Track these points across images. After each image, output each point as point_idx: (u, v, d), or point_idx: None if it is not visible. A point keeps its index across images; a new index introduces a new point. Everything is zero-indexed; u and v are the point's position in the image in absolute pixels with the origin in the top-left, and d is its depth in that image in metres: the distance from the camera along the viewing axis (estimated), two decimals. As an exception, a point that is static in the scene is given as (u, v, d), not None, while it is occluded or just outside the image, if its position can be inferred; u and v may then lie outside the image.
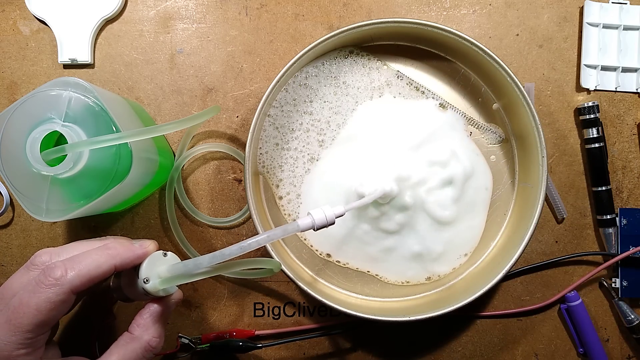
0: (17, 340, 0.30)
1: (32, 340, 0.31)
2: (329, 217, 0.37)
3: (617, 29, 0.49)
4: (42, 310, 0.30)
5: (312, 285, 0.44)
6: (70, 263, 0.32)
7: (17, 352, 0.30)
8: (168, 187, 0.47)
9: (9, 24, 0.49)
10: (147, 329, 0.35)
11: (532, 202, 0.44)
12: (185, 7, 0.49)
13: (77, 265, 0.32)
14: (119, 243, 0.35)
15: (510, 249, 0.44)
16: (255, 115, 0.42)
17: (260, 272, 0.47)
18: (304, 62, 0.46)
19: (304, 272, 0.47)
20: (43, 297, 0.31)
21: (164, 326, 0.36)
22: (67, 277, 0.31)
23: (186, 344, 0.47)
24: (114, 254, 0.34)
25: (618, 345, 0.49)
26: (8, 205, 0.48)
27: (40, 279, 0.31)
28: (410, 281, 0.47)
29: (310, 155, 0.47)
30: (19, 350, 0.30)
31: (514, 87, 0.43)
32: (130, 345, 0.34)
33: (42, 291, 0.31)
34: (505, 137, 0.48)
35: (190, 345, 0.47)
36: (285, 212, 0.47)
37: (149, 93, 0.49)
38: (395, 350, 0.49)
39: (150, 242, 0.36)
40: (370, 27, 0.43)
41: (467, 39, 0.43)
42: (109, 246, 0.34)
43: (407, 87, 0.47)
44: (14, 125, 0.35)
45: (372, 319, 0.42)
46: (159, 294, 0.36)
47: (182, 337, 0.47)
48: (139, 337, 0.35)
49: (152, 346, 0.35)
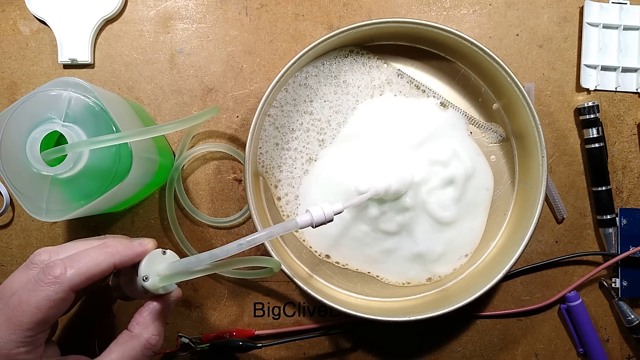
0: (17, 339, 0.30)
1: (32, 339, 0.31)
2: (328, 214, 0.37)
3: (617, 29, 0.49)
4: (41, 309, 0.31)
5: (312, 285, 0.44)
6: (69, 261, 0.32)
7: (17, 350, 0.30)
8: (168, 187, 0.47)
9: (9, 24, 0.49)
10: (147, 327, 0.35)
11: (532, 202, 0.44)
12: (185, 7, 0.49)
13: (77, 263, 0.32)
14: (118, 241, 0.35)
15: (510, 249, 0.44)
16: (255, 115, 0.42)
17: (260, 272, 0.47)
18: (304, 62, 0.46)
19: (304, 272, 0.47)
20: (43, 295, 0.31)
21: (163, 324, 0.37)
22: (66, 275, 0.31)
23: (186, 344, 0.47)
24: (113, 252, 0.34)
25: (618, 345, 0.49)
26: (8, 205, 0.48)
27: (39, 277, 0.31)
28: (411, 282, 0.47)
29: (309, 156, 0.47)
30: (18, 348, 0.30)
31: (514, 87, 0.43)
32: (129, 343, 0.34)
33: (41, 289, 0.31)
34: (505, 136, 0.48)
35: (190, 345, 0.47)
36: (283, 213, 0.47)
37: (149, 93, 0.49)
38: (395, 350, 0.49)
39: (149, 241, 0.36)
40: (370, 27, 0.43)
41: (467, 39, 0.43)
42: (108, 244, 0.34)
43: (408, 86, 0.47)
44: (14, 125, 0.35)
45: (372, 319, 0.42)
46: (158, 292, 0.36)
47: (182, 336, 0.47)
48: (139, 335, 0.35)
49: (152, 344, 0.35)
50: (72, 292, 0.32)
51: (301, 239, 0.47)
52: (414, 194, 0.45)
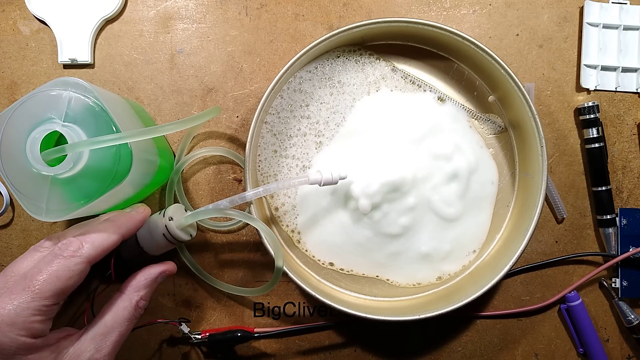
0: (35, 306, 0.32)
1: (48, 308, 0.32)
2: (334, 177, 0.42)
3: (617, 29, 0.49)
4: (61, 278, 0.33)
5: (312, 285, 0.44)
6: (83, 237, 0.35)
7: (33, 319, 0.32)
8: (168, 189, 0.47)
9: (9, 24, 0.49)
10: (139, 290, 0.39)
11: (534, 192, 0.44)
12: (185, 7, 0.49)
13: (90, 238, 0.35)
14: (119, 214, 0.39)
15: (514, 241, 0.44)
16: (253, 122, 0.42)
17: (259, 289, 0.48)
18: (304, 61, 0.46)
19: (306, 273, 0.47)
20: (62, 266, 0.33)
21: (152, 292, 0.40)
22: (83, 249, 0.34)
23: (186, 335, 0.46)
24: (119, 224, 0.38)
25: (618, 345, 0.49)
26: (8, 205, 0.48)
27: (56, 253, 0.34)
28: (421, 282, 0.47)
29: (304, 164, 0.47)
30: (35, 316, 0.32)
31: (507, 78, 0.43)
32: (121, 303, 0.38)
33: (60, 262, 0.33)
34: (504, 126, 0.48)
35: (188, 336, 0.46)
36: (282, 223, 0.47)
37: (149, 93, 0.49)
38: (395, 350, 0.49)
39: (142, 207, 0.41)
40: (370, 27, 0.43)
41: (467, 38, 0.43)
42: (112, 219, 0.38)
43: (403, 81, 0.47)
44: (14, 125, 0.35)
45: (372, 318, 0.42)
46: (178, 236, 0.40)
47: (182, 321, 0.47)
48: (130, 296, 0.38)
49: (140, 307, 0.38)
50: (90, 264, 0.35)
51: (303, 249, 0.47)
52: (418, 192, 0.45)
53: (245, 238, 0.48)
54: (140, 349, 0.48)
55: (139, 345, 0.48)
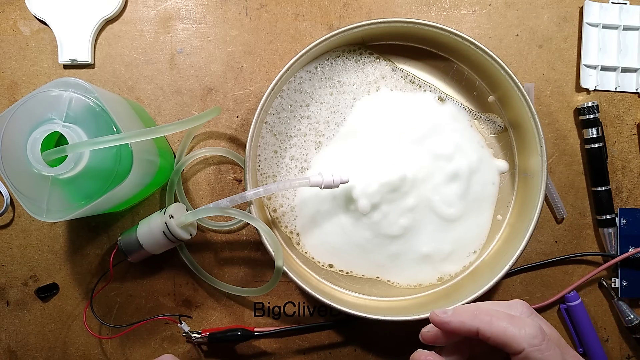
0: None
1: None
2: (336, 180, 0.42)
3: (617, 29, 0.49)
4: None
5: (312, 285, 0.44)
6: None
7: None
8: (168, 189, 0.47)
9: (9, 24, 0.49)
10: None
11: (533, 192, 0.44)
12: (185, 8, 0.49)
13: None
14: None
15: (514, 241, 0.44)
16: (253, 123, 0.42)
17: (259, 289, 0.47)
18: (304, 62, 0.46)
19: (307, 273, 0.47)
20: None
21: None
22: None
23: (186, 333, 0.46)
24: None
25: (617, 345, 0.49)
26: (8, 205, 0.48)
27: None
28: (422, 283, 0.47)
29: (303, 165, 0.47)
30: None
31: (507, 78, 0.43)
32: None
33: None
34: (504, 126, 0.48)
35: (189, 335, 0.46)
36: (281, 224, 0.47)
37: (149, 93, 0.49)
38: (395, 350, 0.49)
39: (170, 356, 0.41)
40: (370, 27, 0.43)
41: (467, 38, 0.43)
42: None
43: (403, 80, 0.47)
44: (14, 126, 0.35)
45: (372, 318, 0.42)
46: (178, 234, 0.41)
47: (181, 317, 0.47)
48: None
49: None
50: None
51: (303, 251, 0.47)
52: (418, 192, 0.45)
53: (245, 238, 0.49)
54: (141, 348, 0.48)
55: (139, 344, 0.48)
